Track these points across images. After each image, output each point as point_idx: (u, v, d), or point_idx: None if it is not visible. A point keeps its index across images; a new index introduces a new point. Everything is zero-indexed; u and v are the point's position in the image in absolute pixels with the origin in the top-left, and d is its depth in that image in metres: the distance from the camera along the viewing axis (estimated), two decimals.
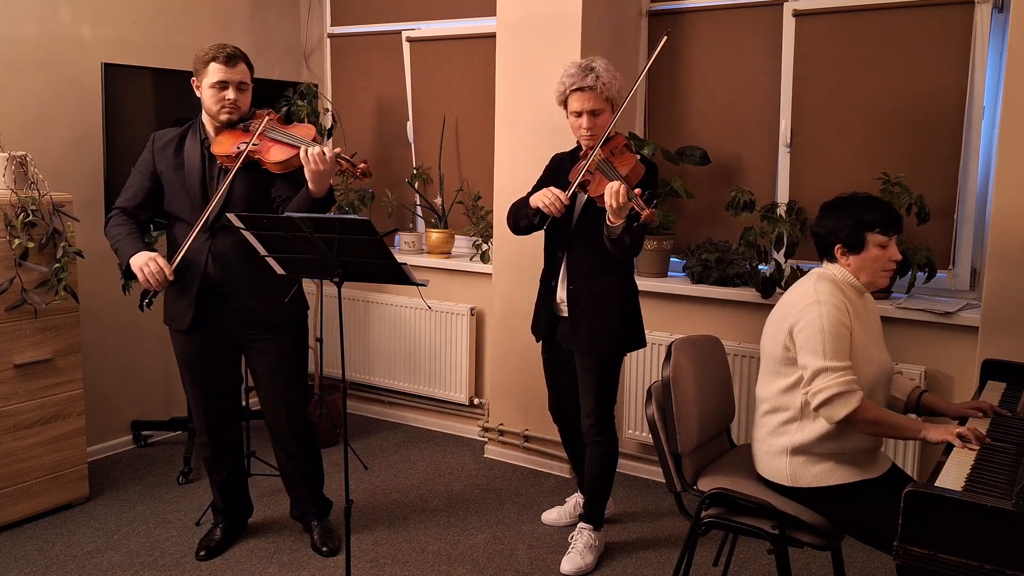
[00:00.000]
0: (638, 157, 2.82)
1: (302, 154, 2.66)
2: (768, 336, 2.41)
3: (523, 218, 2.93)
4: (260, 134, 2.79)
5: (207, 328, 2.91)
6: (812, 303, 2.27)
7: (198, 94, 2.85)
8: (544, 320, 3.08)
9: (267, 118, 2.83)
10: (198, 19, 4.24)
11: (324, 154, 2.63)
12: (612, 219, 2.64)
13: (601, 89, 2.78)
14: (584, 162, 2.79)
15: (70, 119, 3.75)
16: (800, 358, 2.27)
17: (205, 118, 2.88)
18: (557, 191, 2.76)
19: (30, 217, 3.14)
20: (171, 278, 2.75)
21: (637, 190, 2.58)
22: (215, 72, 2.77)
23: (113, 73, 3.59)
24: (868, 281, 2.35)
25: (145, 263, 2.73)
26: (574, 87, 2.81)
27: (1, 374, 3.15)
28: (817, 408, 2.23)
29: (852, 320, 2.28)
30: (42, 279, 3.22)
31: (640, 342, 3.03)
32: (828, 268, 2.39)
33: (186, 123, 2.94)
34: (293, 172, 2.82)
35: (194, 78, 2.84)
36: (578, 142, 2.94)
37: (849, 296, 2.33)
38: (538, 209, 2.80)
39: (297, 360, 3.05)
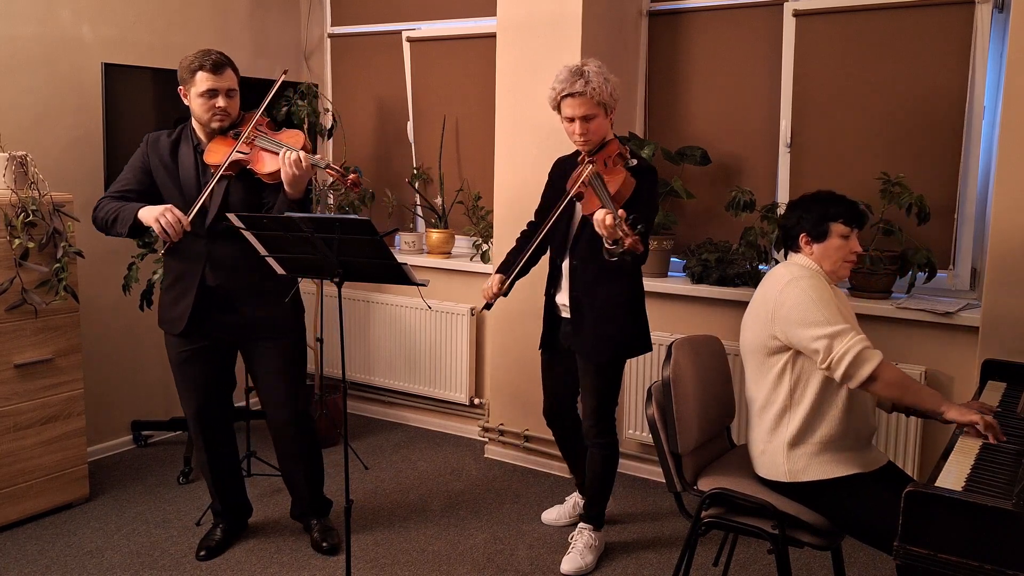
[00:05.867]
0: (634, 162, 2.78)
1: (280, 157, 2.68)
2: (748, 331, 2.42)
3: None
4: (251, 143, 2.79)
5: (205, 331, 2.91)
6: (790, 281, 2.31)
7: (186, 102, 2.83)
8: (547, 322, 3.09)
9: (253, 125, 2.80)
10: (198, 19, 4.24)
11: (300, 160, 2.65)
12: (606, 244, 2.58)
13: (591, 94, 2.74)
14: (579, 170, 2.78)
15: (70, 119, 3.75)
16: (799, 334, 2.26)
17: (196, 124, 2.86)
18: (491, 285, 2.95)
19: (30, 217, 3.14)
20: (188, 228, 2.71)
21: (622, 212, 2.49)
22: (203, 81, 2.75)
23: (113, 73, 3.60)
24: (830, 270, 2.39)
25: (161, 213, 2.68)
26: (564, 93, 2.77)
27: (1, 374, 3.15)
28: (843, 375, 2.21)
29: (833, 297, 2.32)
30: (42, 279, 3.22)
31: (645, 347, 3.01)
32: (793, 258, 2.44)
33: (179, 126, 2.92)
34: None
35: (181, 87, 2.81)
36: None
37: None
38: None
39: (297, 358, 3.05)
